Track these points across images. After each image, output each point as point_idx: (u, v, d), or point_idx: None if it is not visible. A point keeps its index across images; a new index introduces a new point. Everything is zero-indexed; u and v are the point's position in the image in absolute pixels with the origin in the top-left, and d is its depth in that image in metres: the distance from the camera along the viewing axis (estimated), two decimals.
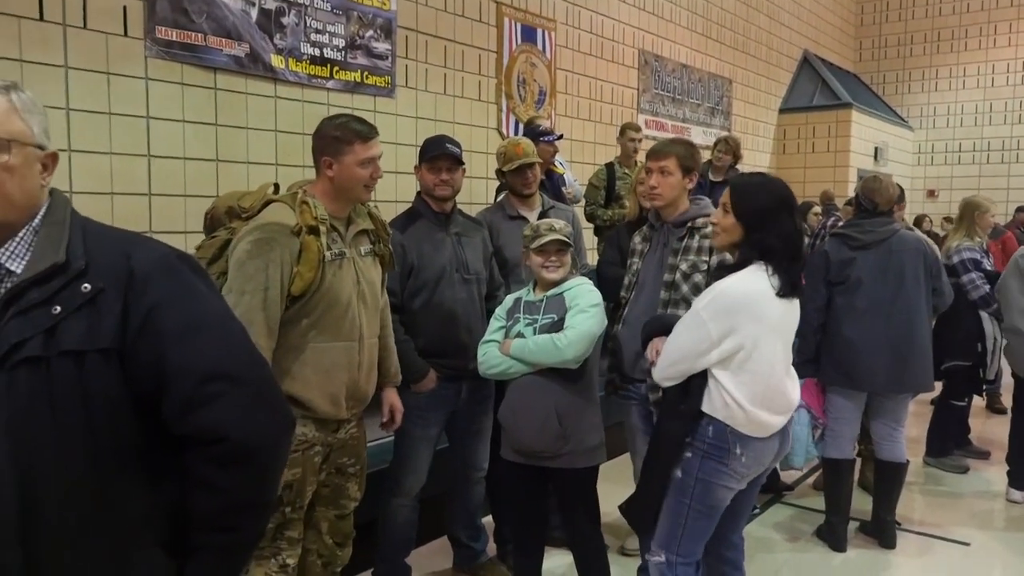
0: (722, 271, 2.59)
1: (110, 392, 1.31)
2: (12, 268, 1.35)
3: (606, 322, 3.06)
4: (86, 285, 1.33)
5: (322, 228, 2.47)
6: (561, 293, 3.04)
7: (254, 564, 2.52)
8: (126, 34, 4.27)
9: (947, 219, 12.32)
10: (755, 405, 2.49)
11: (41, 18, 3.98)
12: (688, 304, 2.84)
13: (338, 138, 2.53)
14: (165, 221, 4.48)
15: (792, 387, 2.61)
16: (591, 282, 3.13)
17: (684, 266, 3.00)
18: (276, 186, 2.67)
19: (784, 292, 2.48)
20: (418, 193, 3.41)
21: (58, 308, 1.31)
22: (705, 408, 2.52)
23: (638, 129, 6.18)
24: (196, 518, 1.38)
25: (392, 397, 2.95)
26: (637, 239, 3.36)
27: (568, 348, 2.87)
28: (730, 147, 6.18)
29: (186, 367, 1.35)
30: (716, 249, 2.76)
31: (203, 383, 1.35)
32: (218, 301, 1.47)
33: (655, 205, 3.16)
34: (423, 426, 3.31)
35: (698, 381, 2.52)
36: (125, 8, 4.26)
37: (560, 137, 5.24)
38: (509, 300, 3.17)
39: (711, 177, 6.27)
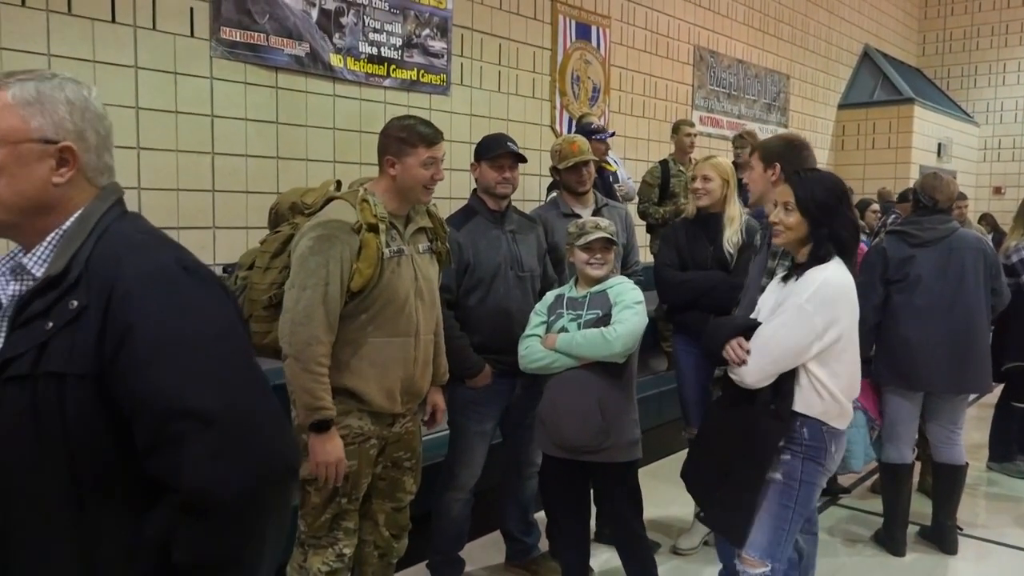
0: (800, 268, 2.56)
1: (87, 420, 1.19)
2: (36, 274, 1.27)
3: (647, 320, 3.06)
4: (73, 301, 1.22)
5: (381, 226, 2.49)
6: (605, 290, 3.05)
7: (312, 553, 2.56)
8: (192, 35, 4.39)
9: None
10: (846, 395, 2.49)
11: (113, 20, 4.11)
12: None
13: (403, 139, 2.55)
14: (228, 216, 4.58)
15: None
16: (632, 280, 3.15)
17: (781, 271, 2.89)
18: (338, 183, 2.70)
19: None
20: (474, 191, 3.43)
21: (51, 323, 1.22)
22: (799, 408, 2.47)
23: (692, 125, 6.12)
24: (175, 562, 1.21)
25: (435, 396, 2.96)
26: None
27: (617, 341, 2.89)
28: (747, 142, 6.05)
29: (148, 401, 1.17)
30: (778, 247, 2.71)
31: (165, 421, 1.16)
32: (219, 318, 1.27)
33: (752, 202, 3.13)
34: (478, 421, 3.33)
35: (789, 381, 2.47)
36: (192, 9, 4.38)
37: (612, 135, 5.21)
38: (550, 296, 3.18)
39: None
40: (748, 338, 2.49)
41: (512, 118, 6.35)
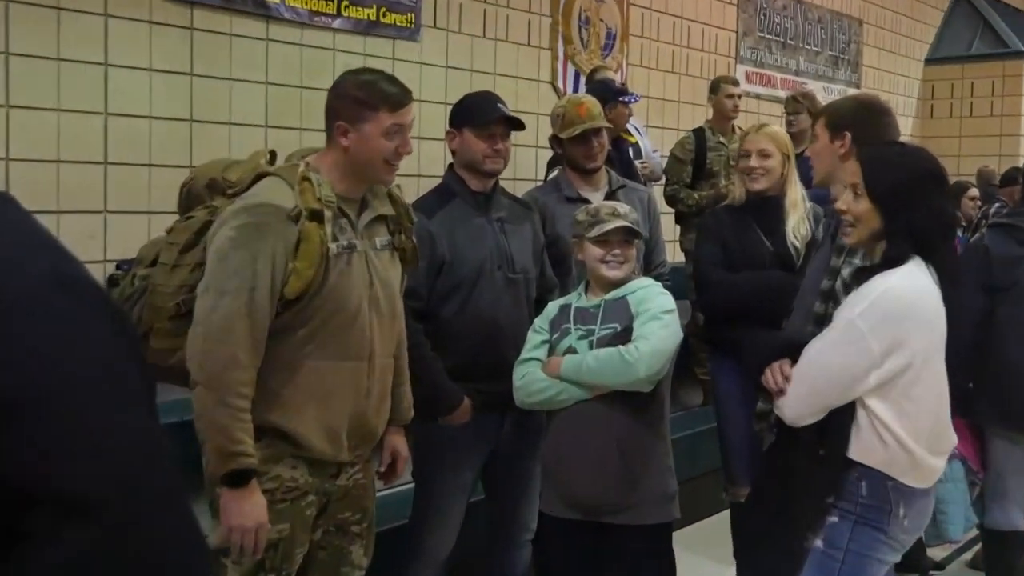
0: (866, 273, 2.56)
1: None
2: None
3: (681, 335, 3.06)
4: None
5: (327, 213, 2.49)
6: (624, 296, 3.05)
7: None
8: None
9: None
10: (921, 444, 2.46)
11: None
12: None
13: (360, 100, 2.55)
14: (125, 197, 4.56)
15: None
16: (659, 284, 3.16)
17: (847, 270, 2.87)
18: (272, 154, 2.70)
19: (947, 293, 2.49)
20: (450, 166, 3.42)
21: None
22: (855, 455, 2.47)
23: (736, 83, 6.11)
24: None
25: (395, 439, 2.93)
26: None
27: (640, 363, 2.89)
28: (802, 106, 6.04)
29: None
30: (851, 246, 2.73)
31: (18, 509, 1.08)
32: (102, 357, 1.19)
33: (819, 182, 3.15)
34: (454, 471, 3.32)
35: (841, 418, 2.48)
36: None
37: (637, 99, 5.21)
38: (553, 308, 3.19)
39: None
40: (796, 360, 2.52)
41: (501, 72, 6.34)
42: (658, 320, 2.97)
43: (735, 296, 3.69)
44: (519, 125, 3.32)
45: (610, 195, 3.77)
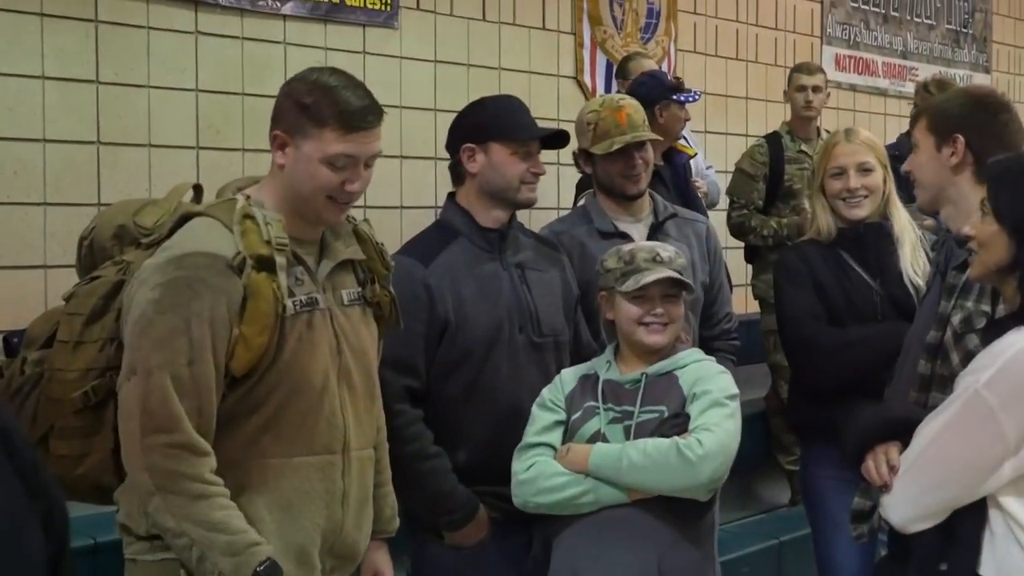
0: (997, 327, 2.57)
1: None
2: None
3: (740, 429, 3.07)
4: None
5: (279, 259, 2.52)
6: (671, 372, 3.07)
7: None
8: None
9: None
10: None
11: None
12: None
13: (304, 108, 2.57)
14: (13, 248, 4.60)
15: None
16: (713, 360, 3.17)
17: (958, 317, 2.88)
18: (197, 189, 2.73)
19: None
20: (450, 196, 3.45)
21: None
22: (988, 571, 2.44)
23: (813, 71, 6.16)
24: None
25: (379, 559, 2.93)
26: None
27: (705, 464, 2.90)
28: (934, 97, 6.00)
29: None
30: (973, 280, 2.74)
31: None
32: None
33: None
34: None
35: (968, 523, 2.47)
36: None
37: (696, 97, 5.17)
38: (570, 378, 3.21)
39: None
40: (907, 443, 2.52)
41: (507, 66, 6.37)
42: (722, 408, 2.97)
43: (852, 359, 3.60)
44: (561, 142, 3.36)
45: (656, 228, 3.78)
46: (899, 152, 5.99)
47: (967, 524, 2.46)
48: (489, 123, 3.35)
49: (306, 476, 2.60)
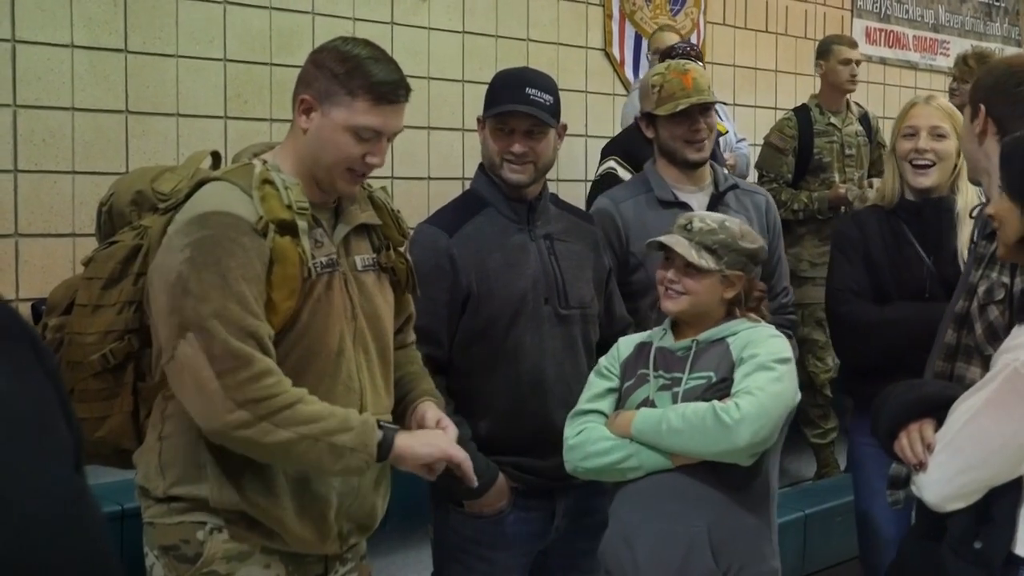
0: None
1: None
2: None
3: (799, 395, 3.05)
4: None
5: (301, 222, 2.53)
6: (723, 338, 3.06)
7: None
8: None
9: None
10: None
11: None
12: (983, 359, 2.77)
13: (337, 76, 2.58)
14: (41, 216, 4.63)
15: None
16: (770, 327, 3.14)
17: (983, 288, 2.89)
18: (215, 156, 2.74)
19: None
20: (480, 167, 3.44)
21: None
22: (1023, 551, 2.44)
23: (854, 45, 6.12)
24: None
25: (434, 412, 2.86)
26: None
27: (742, 427, 2.86)
28: (972, 70, 6.00)
29: None
30: (1000, 259, 2.74)
31: None
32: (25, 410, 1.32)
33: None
34: None
35: (1005, 502, 2.46)
36: None
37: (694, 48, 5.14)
38: (626, 346, 3.21)
39: None
40: (942, 421, 2.51)
41: (536, 37, 6.34)
42: (768, 371, 2.93)
43: (890, 336, 3.60)
44: (548, 117, 3.28)
45: (716, 199, 3.77)
46: None
47: (1002, 503, 2.46)
48: (486, 97, 3.35)
49: None
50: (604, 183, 4.84)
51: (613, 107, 6.68)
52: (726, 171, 3.97)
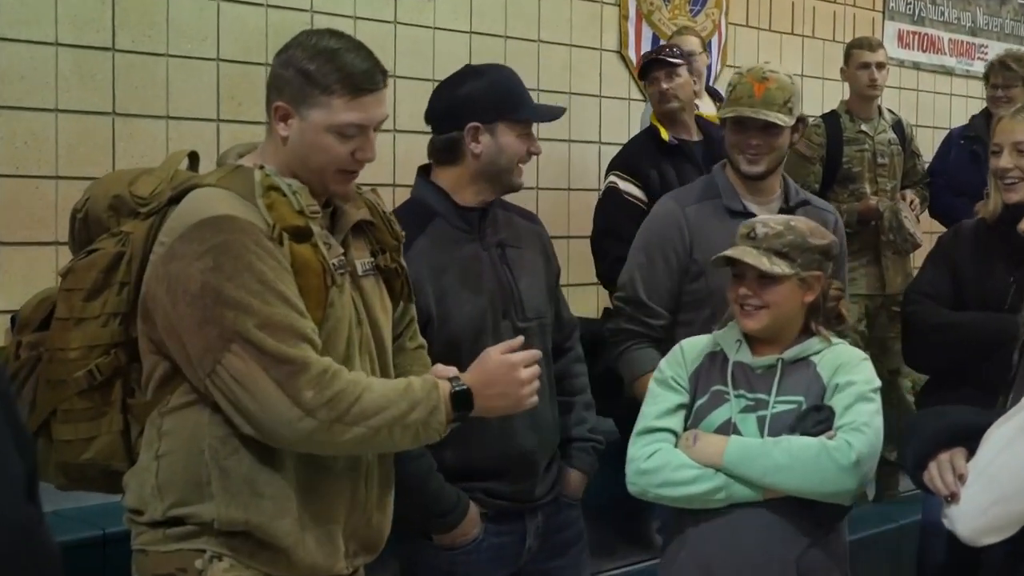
0: None
1: None
2: None
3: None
4: None
5: (314, 227, 2.55)
6: (807, 358, 3.02)
7: None
8: None
9: None
10: None
11: None
12: None
13: (309, 75, 2.58)
14: (21, 223, 4.59)
15: None
16: (851, 345, 3.15)
17: None
18: (193, 157, 2.75)
19: None
20: (422, 170, 3.43)
21: None
22: None
23: (874, 47, 6.11)
24: None
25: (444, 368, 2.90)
26: None
27: (857, 469, 2.89)
28: (1017, 75, 5.91)
29: None
30: None
31: None
32: None
33: None
34: None
35: None
36: None
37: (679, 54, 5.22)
38: (692, 350, 3.19)
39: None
40: (974, 450, 2.50)
41: (547, 38, 6.35)
42: (869, 403, 2.96)
43: (948, 339, 3.72)
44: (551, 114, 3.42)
45: (784, 213, 3.72)
46: (974, 133, 5.98)
47: None
48: (497, 100, 3.31)
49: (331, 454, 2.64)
50: (608, 200, 5.01)
51: (629, 113, 6.71)
52: (798, 187, 3.99)
